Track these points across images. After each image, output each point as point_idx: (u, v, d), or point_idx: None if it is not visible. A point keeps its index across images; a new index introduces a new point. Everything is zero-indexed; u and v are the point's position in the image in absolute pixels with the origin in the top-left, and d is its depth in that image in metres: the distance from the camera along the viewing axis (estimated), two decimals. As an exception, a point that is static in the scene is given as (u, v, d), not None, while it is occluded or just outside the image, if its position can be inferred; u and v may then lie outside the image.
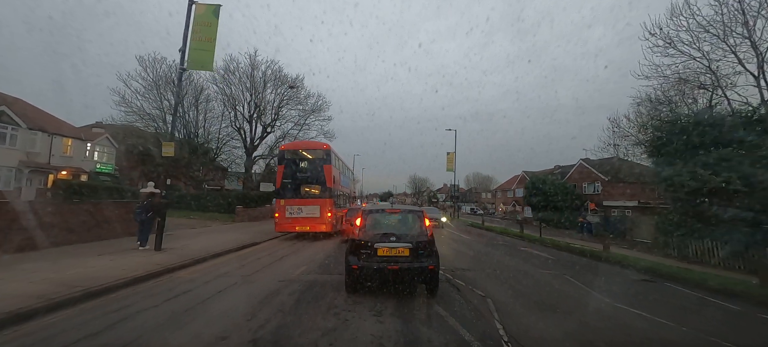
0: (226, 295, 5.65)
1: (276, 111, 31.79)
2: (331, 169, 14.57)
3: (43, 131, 25.90)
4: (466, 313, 4.97)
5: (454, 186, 36.78)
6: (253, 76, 30.03)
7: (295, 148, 16.41)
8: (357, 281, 5.72)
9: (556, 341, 4.16)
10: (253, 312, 4.69)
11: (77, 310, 4.59)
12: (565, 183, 33.86)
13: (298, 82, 31.68)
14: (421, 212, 6.44)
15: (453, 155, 36.10)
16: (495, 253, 12.05)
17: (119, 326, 4.05)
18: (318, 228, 13.92)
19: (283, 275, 7.33)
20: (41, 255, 7.71)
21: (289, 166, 14.52)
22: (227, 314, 4.67)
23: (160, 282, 6.50)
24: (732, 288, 7.43)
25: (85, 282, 5.61)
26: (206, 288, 6.04)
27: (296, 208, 13.86)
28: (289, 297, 5.56)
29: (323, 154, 14.88)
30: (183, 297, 5.38)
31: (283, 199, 14.06)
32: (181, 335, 3.87)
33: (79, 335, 3.71)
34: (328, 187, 14.18)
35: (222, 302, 5.23)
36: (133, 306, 4.82)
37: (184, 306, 4.90)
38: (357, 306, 5.10)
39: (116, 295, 5.42)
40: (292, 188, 14.15)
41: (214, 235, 13.72)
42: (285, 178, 14.24)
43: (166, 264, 7.64)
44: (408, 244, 5.62)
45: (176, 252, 9.26)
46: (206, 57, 10.08)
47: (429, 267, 5.51)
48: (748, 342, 4.74)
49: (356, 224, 6.14)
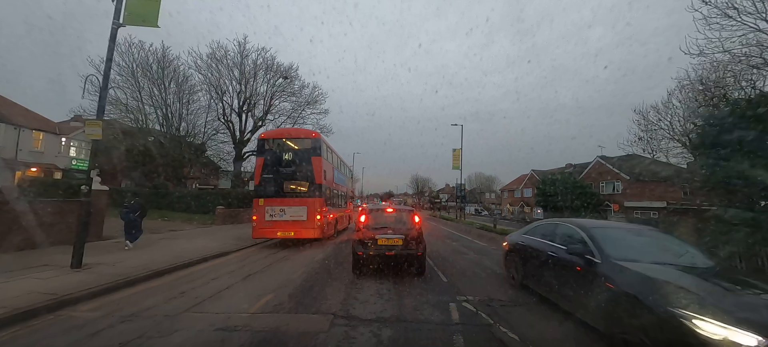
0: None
1: (268, 103, 29.34)
2: (322, 162, 12.39)
3: (8, 123, 23.46)
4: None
5: (460, 185, 34.17)
6: (243, 65, 27.58)
7: (278, 136, 14.03)
8: (362, 264, 7.26)
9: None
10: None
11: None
12: (581, 181, 31.31)
13: (292, 71, 29.26)
14: (412, 210, 8.30)
15: (459, 152, 33.49)
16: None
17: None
18: (304, 234, 11.72)
19: (232, 312, 4.82)
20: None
21: (269, 158, 12.27)
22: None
23: (28, 327, 4.04)
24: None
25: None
26: (85, 343, 3.56)
27: (278, 209, 11.69)
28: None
29: (311, 144, 12.65)
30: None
31: (262, 198, 11.82)
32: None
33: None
34: (318, 184, 12.03)
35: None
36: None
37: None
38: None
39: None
40: (274, 185, 11.96)
41: (179, 242, 11.23)
42: (265, 173, 12.00)
43: (64, 293, 5.16)
44: (401, 236, 7.13)
45: (101, 270, 6.77)
46: (149, 9, 7.58)
47: (417, 254, 7.11)
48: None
49: (361, 220, 7.76)
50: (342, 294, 5.92)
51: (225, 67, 26.72)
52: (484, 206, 69.93)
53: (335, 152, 16.26)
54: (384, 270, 7.41)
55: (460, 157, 33.58)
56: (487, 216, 52.38)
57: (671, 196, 27.39)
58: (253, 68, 27.83)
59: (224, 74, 27.15)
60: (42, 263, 7.03)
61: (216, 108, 27.49)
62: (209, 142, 27.81)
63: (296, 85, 29.19)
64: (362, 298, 5.65)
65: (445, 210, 65.04)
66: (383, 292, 6.06)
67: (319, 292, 5.99)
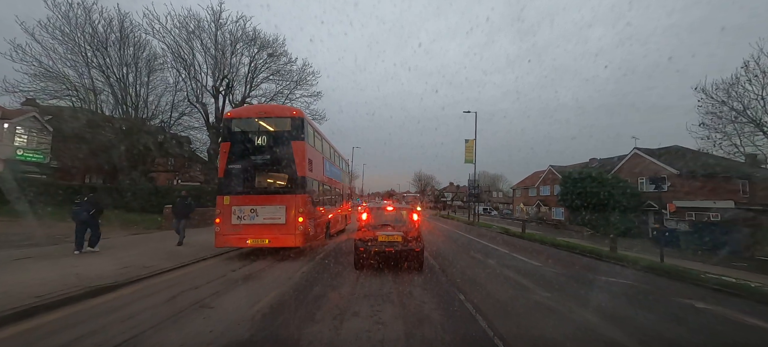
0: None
1: (249, 82, 24.87)
2: (305, 148, 9.64)
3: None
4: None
5: (474, 180, 29.60)
6: (218, 38, 23.10)
7: (248, 115, 11.00)
8: (363, 260, 7.49)
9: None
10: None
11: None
12: (618, 177, 26.75)
13: (278, 45, 24.75)
14: (412, 209, 8.96)
15: (473, 143, 29.01)
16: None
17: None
18: (282, 242, 9.14)
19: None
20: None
21: (237, 144, 9.64)
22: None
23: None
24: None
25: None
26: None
27: (248, 210, 9.12)
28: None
29: (291, 125, 9.78)
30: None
31: (227, 196, 9.21)
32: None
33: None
34: (300, 177, 9.38)
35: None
36: None
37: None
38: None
39: None
40: (243, 178, 9.39)
41: (91, 258, 6.94)
42: (232, 163, 9.41)
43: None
44: (400, 233, 7.55)
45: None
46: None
47: (415, 250, 7.45)
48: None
49: (362, 218, 8.14)
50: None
51: (196, 39, 22.23)
52: (493, 206, 65.44)
53: (326, 139, 13.47)
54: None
55: (474, 148, 29.12)
56: (497, 216, 47.97)
57: (729, 195, 22.89)
58: (230, 40, 23.37)
59: (197, 48, 22.67)
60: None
61: (185, 88, 23.01)
62: (176, 127, 23.30)
63: (282, 61, 24.70)
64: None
65: (452, 210, 60.63)
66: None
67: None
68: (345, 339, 3.77)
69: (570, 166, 38.17)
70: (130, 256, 8.01)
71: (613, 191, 25.38)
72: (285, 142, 9.50)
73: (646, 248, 15.56)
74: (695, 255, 14.73)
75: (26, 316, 4.07)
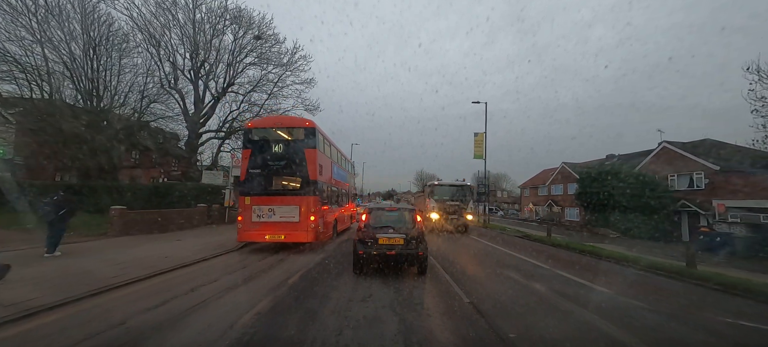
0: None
1: (233, 68, 22.13)
2: (317, 155, 10.81)
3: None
4: None
5: (485, 177, 26.82)
6: (195, 17, 20.34)
7: (267, 125, 12.33)
8: (362, 263, 7.29)
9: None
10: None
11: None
12: (644, 174, 24.04)
13: (265, 27, 22.01)
14: (414, 209, 8.39)
15: (483, 136, 26.27)
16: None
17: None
18: (296, 238, 10.30)
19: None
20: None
21: (257, 151, 10.69)
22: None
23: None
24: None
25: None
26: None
27: (266, 209, 10.29)
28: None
29: (305, 134, 10.99)
30: None
31: (248, 197, 10.41)
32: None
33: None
34: (312, 181, 10.51)
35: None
36: None
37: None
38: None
39: None
40: (262, 181, 10.50)
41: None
42: (252, 167, 10.57)
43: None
44: (402, 235, 7.19)
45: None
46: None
47: (419, 253, 7.16)
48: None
49: (362, 219, 7.80)
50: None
51: (167, 12, 19.44)
52: (498, 205, 62.78)
53: (334, 144, 14.46)
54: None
55: (484, 142, 26.40)
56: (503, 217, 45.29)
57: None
58: (210, 20, 20.62)
59: (170, 24, 19.87)
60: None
61: (158, 71, 20.22)
62: (147, 116, 20.42)
63: (268, 44, 21.95)
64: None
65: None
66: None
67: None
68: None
69: (583, 163, 35.45)
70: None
71: (641, 190, 22.66)
72: (299, 150, 10.60)
73: (698, 257, 12.86)
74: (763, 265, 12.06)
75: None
